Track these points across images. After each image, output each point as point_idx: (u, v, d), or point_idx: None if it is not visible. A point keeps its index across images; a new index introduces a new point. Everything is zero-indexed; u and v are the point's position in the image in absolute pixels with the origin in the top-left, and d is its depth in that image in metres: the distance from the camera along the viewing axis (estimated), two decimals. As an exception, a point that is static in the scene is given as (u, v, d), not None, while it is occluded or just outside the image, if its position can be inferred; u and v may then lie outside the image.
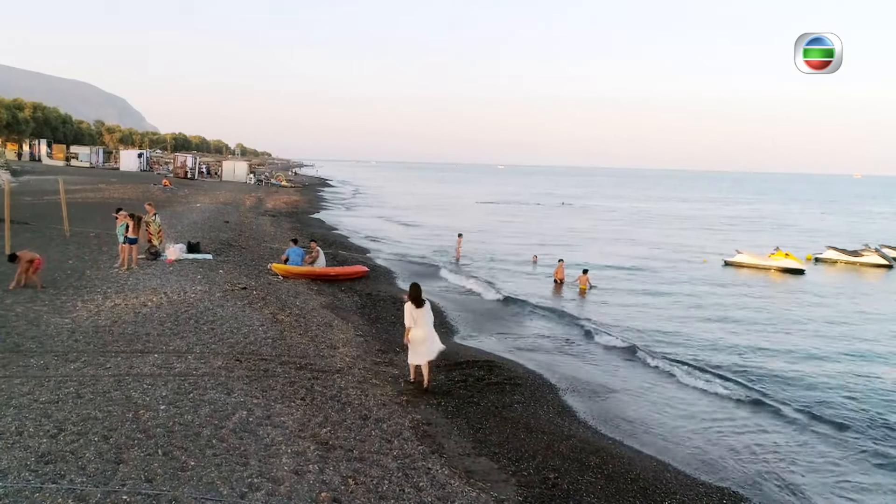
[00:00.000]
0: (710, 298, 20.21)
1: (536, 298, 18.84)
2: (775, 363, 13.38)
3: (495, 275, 22.66)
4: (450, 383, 10.42)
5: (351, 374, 9.94)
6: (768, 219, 57.89)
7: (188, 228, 25.45)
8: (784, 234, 42.08)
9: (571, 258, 24.94)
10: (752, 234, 41.99)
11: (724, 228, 46.26)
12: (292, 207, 45.36)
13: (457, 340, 13.86)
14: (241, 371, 9.17)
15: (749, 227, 48.74)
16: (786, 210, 71.79)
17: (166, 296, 13.35)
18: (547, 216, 53.10)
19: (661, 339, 14.73)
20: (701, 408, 10.68)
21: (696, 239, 38.27)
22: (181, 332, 10.78)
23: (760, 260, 26.73)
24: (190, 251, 19.27)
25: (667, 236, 39.32)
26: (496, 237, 34.49)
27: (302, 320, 12.93)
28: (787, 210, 71.98)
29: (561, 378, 11.65)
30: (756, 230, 45.97)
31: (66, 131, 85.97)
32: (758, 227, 48.44)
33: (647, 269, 25.60)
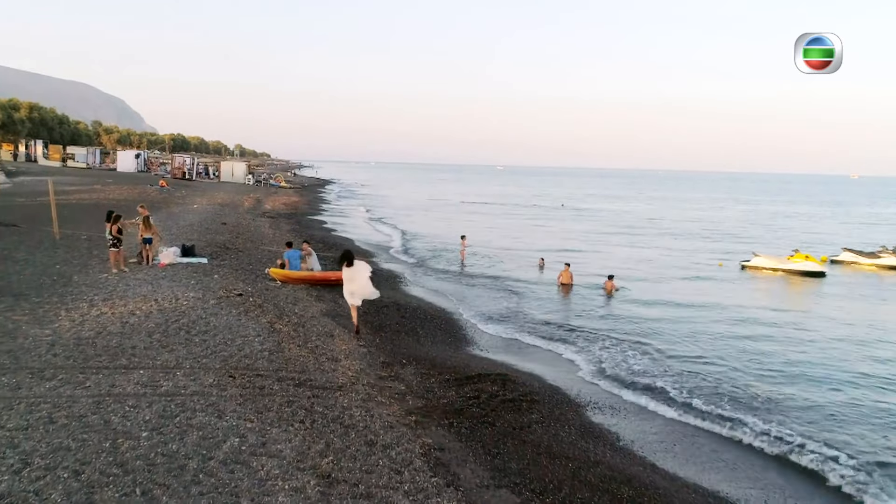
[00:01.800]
0: (731, 309, 19.07)
1: (545, 307, 18.01)
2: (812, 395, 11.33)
3: (500, 280, 21.84)
4: (461, 400, 9.60)
5: (354, 391, 9.13)
6: (776, 220, 56.95)
7: (184, 230, 24.65)
8: (795, 236, 41.28)
9: (578, 264, 24.16)
10: (762, 236, 41.19)
11: (734, 230, 45.32)
12: (291, 209, 44.55)
13: (468, 350, 13.05)
14: (235, 389, 8.36)
15: (759, 228, 47.86)
16: (794, 211, 70.67)
17: (157, 303, 12.54)
18: (548, 219, 52.24)
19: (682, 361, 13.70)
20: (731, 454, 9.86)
21: (706, 241, 37.42)
22: (170, 345, 9.96)
23: (779, 263, 25.89)
24: (184, 255, 18.49)
25: (676, 238, 38.50)
26: (500, 240, 33.63)
27: (301, 330, 12.12)
28: (795, 211, 70.89)
29: (580, 392, 10.85)
30: (765, 231, 45.16)
31: (63, 132, 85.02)
32: (767, 229, 47.62)
33: (661, 275, 24.68)
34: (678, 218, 55.39)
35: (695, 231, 43.59)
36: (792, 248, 27.43)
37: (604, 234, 39.24)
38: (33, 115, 75.75)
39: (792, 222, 54.67)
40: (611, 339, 14.45)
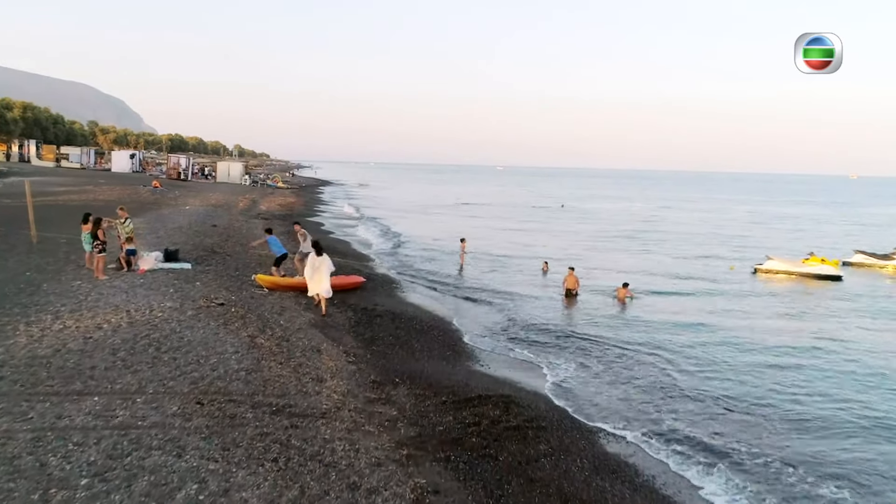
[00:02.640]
0: (745, 316, 18.14)
1: (550, 317, 16.95)
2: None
3: (502, 286, 20.80)
4: (460, 428, 8.57)
5: (339, 419, 8.10)
6: (783, 221, 55.77)
7: (172, 233, 23.63)
8: (804, 238, 40.24)
9: (583, 268, 23.15)
10: (770, 238, 40.10)
11: (741, 232, 44.15)
12: (287, 210, 43.51)
13: (468, 366, 12.01)
14: (201, 419, 7.33)
15: (765, 230, 46.78)
16: (799, 212, 69.45)
17: (128, 315, 11.50)
18: (549, 220, 51.21)
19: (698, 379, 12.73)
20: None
21: (714, 243, 36.31)
22: (135, 365, 8.93)
23: (794, 266, 24.85)
24: (167, 259, 17.46)
25: (683, 240, 37.45)
26: (499, 243, 32.57)
27: (285, 344, 11.08)
28: (801, 212, 69.69)
29: (591, 415, 9.82)
30: (773, 233, 44.09)
31: (58, 132, 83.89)
32: (773, 230, 46.58)
33: (670, 280, 23.59)
34: (683, 219, 54.36)
35: (701, 233, 42.49)
36: (807, 251, 26.39)
37: (607, 236, 38.21)
38: (27, 114, 74.62)
39: (799, 224, 53.48)
40: (624, 354, 13.39)
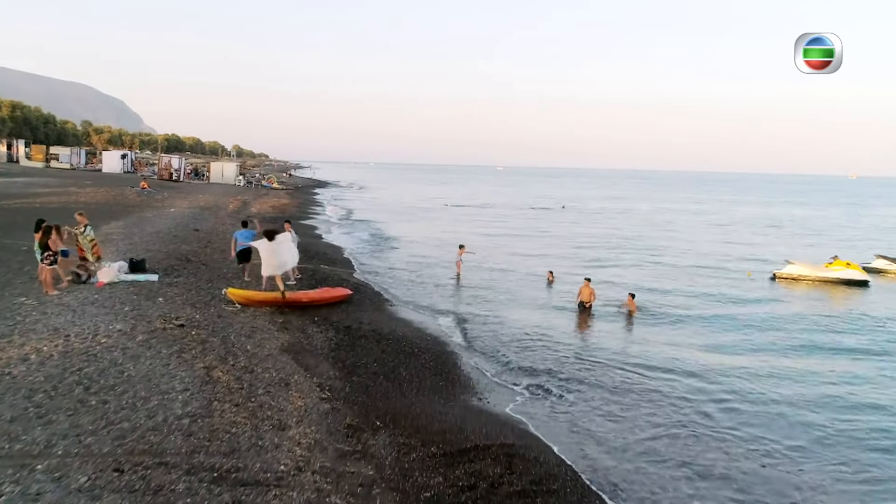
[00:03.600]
0: (770, 330, 16.48)
1: (561, 337, 15.23)
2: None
3: (504, 299, 19.12)
4: (452, 493, 6.90)
5: (298, 486, 6.41)
6: (793, 223, 53.94)
7: (148, 238, 21.96)
8: (817, 240, 38.57)
9: (591, 275, 21.43)
10: (784, 240, 38.40)
11: (752, 235, 42.35)
12: (279, 212, 41.76)
13: (463, 401, 10.33)
14: (112, 497, 5.65)
15: (777, 232, 45.01)
16: (808, 213, 67.41)
17: (66, 341, 9.82)
18: (550, 223, 49.52)
19: (732, 421, 10.96)
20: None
21: (726, 246, 34.64)
22: (51, 413, 7.26)
23: (817, 271, 23.18)
24: (133, 270, 15.80)
25: (692, 244, 35.78)
26: (500, 248, 30.84)
27: (247, 378, 9.39)
28: (810, 213, 67.70)
29: (607, 474, 8.13)
30: (785, 235, 42.39)
31: (49, 131, 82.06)
32: (785, 232, 44.89)
33: (683, 287, 21.91)
34: (689, 221, 52.59)
35: (710, 236, 40.77)
36: (828, 255, 24.72)
37: (612, 241, 36.33)
38: (15, 113, 72.87)
39: (808, 225, 51.67)
40: (646, 387, 11.68)
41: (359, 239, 31.98)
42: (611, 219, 53.19)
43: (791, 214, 64.44)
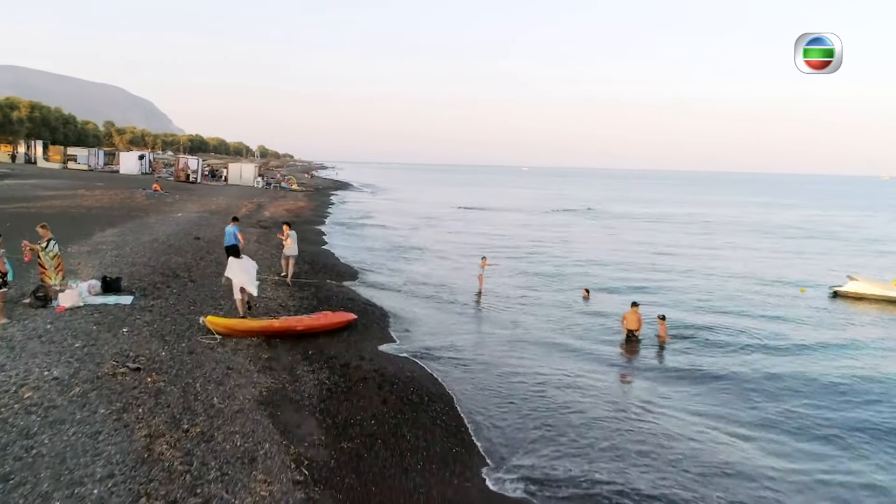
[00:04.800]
0: (838, 362, 14.00)
1: (605, 378, 12.84)
2: None
3: (533, 320, 16.79)
4: None
5: None
6: (846, 230, 49.93)
7: (140, 249, 20.01)
8: (870, 251, 35.37)
9: (626, 292, 18.98)
10: (835, 251, 35.23)
11: (799, 242, 39.05)
12: (294, 216, 39.84)
13: (485, 483, 7.99)
14: None
15: (826, 239, 41.65)
16: (856, 221, 62.34)
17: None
18: (578, 228, 46.86)
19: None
20: None
21: (769, 256, 31.73)
22: None
23: (884, 289, 20.40)
24: (105, 290, 13.80)
25: (731, 251, 32.95)
26: (524, 258, 28.39)
27: (200, 451, 7.19)
28: (857, 220, 62.64)
29: None
30: (836, 243, 39.10)
31: (68, 132, 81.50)
32: (834, 238, 41.59)
33: (727, 306, 19.33)
34: (724, 226, 49.35)
35: (751, 243, 37.72)
36: (893, 269, 21.91)
37: (643, 248, 33.54)
38: (34, 114, 72.22)
39: (865, 234, 46.75)
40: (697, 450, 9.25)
41: (373, 248, 29.38)
42: (640, 223, 50.27)
43: (838, 220, 60.09)
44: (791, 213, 67.44)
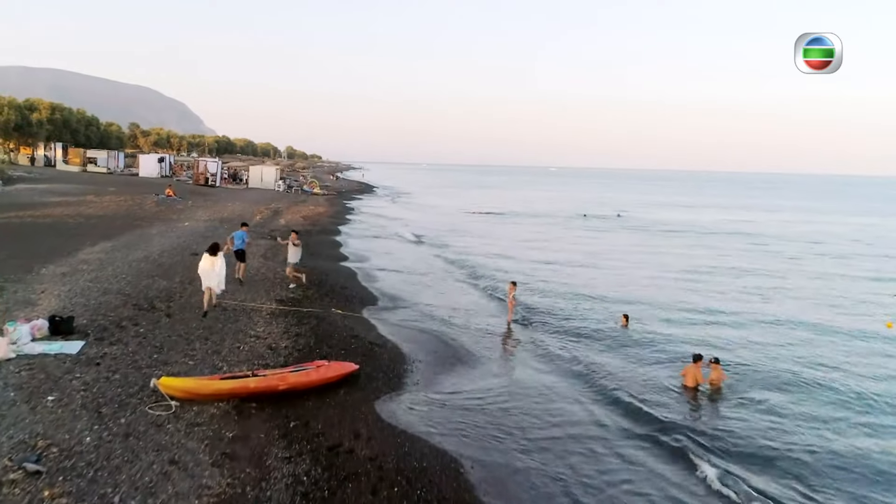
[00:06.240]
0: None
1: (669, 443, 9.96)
2: None
3: (569, 356, 14.03)
4: None
5: None
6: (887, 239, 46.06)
7: (122, 270, 17.71)
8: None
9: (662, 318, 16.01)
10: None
11: (870, 260, 34.55)
12: (311, 223, 37.48)
13: None
14: None
15: (882, 252, 37.84)
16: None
17: None
18: (610, 239, 43.58)
19: None
20: None
21: (836, 277, 27.91)
22: None
23: None
24: (54, 332, 11.39)
25: (788, 266, 29.45)
26: (554, 277, 25.27)
27: None
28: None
29: None
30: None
31: (91, 134, 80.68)
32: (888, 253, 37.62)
33: (800, 348, 16.09)
34: (772, 236, 45.13)
35: (811, 259, 33.60)
36: None
37: (679, 265, 29.87)
38: (54, 115, 71.28)
39: None
40: None
41: (391, 264, 26.24)
42: (676, 232, 46.46)
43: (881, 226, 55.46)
44: (845, 221, 62.60)
